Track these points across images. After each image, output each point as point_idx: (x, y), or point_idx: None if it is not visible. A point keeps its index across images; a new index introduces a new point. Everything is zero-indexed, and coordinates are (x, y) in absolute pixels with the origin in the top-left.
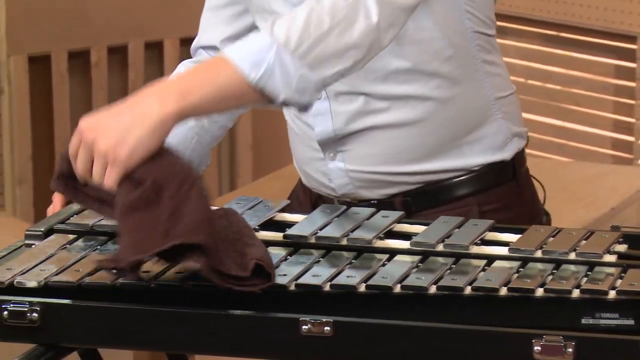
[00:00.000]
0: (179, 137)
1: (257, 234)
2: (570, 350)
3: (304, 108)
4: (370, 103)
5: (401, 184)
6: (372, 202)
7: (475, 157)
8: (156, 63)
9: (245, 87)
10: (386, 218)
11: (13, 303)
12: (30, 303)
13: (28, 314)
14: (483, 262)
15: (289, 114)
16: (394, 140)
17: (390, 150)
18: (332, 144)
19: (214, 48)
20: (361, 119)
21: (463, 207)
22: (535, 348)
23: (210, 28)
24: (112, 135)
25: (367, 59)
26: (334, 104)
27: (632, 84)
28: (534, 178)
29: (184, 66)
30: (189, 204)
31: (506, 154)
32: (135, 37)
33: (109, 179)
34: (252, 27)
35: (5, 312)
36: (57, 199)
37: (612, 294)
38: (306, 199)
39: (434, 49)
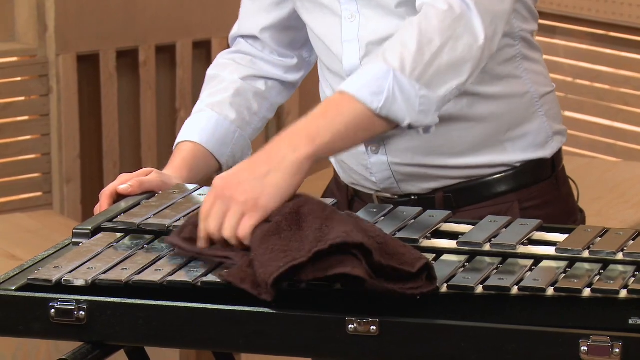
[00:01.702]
0: (221, 132)
1: None
2: (617, 350)
3: (428, 129)
4: None
5: (442, 178)
6: (413, 197)
7: (516, 154)
8: (204, 62)
9: (370, 117)
10: (432, 217)
11: (60, 301)
12: (77, 301)
13: (75, 312)
14: (530, 261)
15: None
16: (437, 133)
17: (432, 144)
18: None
19: (253, 37)
20: None
21: (504, 204)
22: (583, 348)
23: (250, 17)
24: (249, 185)
25: (480, 68)
26: None
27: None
28: (569, 178)
29: (222, 58)
30: (336, 219)
31: (547, 152)
32: (183, 36)
33: (245, 227)
34: (293, 16)
35: (53, 310)
36: (105, 197)
37: None
38: (342, 196)
39: None
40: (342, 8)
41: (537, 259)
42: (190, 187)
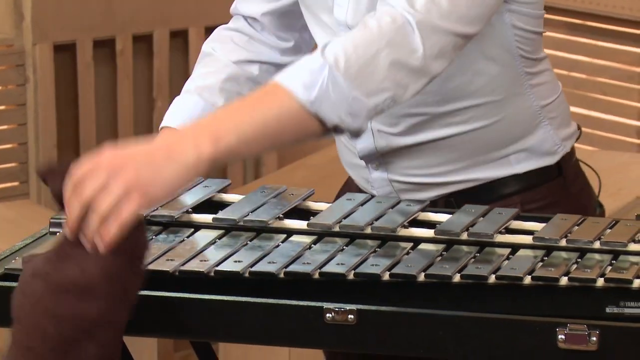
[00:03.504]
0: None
1: (281, 222)
2: (594, 339)
3: (355, 134)
4: (415, 123)
5: (444, 188)
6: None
7: (521, 166)
8: (181, 51)
9: (299, 112)
10: (410, 207)
11: None
12: None
13: None
14: (507, 250)
15: None
16: (438, 152)
17: (434, 162)
18: (375, 158)
19: (253, 18)
20: (404, 138)
21: (506, 206)
22: (560, 337)
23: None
24: (142, 168)
25: (419, 85)
26: (374, 123)
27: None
28: (589, 166)
29: (219, 33)
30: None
31: (554, 159)
32: (160, 25)
33: (127, 211)
34: (294, 3)
35: None
36: None
37: (636, 283)
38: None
39: (477, 68)
40: (339, 31)
41: (515, 247)
42: None
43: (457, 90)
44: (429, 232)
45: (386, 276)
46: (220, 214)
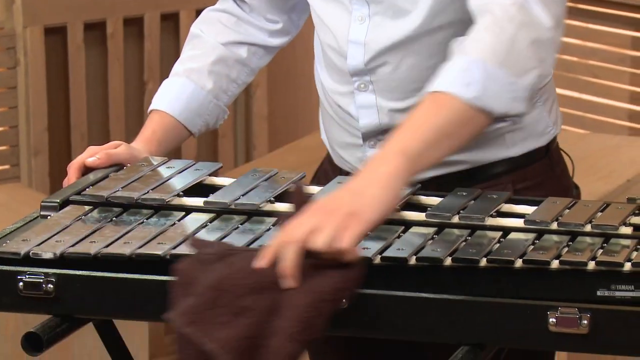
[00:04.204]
0: (196, 103)
1: (272, 205)
2: (585, 322)
3: (519, 117)
4: (415, 103)
5: (440, 168)
6: None
7: (516, 147)
8: (172, 34)
9: (466, 111)
10: (401, 190)
11: (28, 274)
12: (46, 274)
13: (43, 285)
14: (499, 233)
15: (325, 96)
16: None
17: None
18: (375, 135)
19: (242, 0)
20: (407, 113)
21: (497, 186)
22: (551, 320)
23: None
24: (348, 199)
25: (553, 58)
26: (379, 98)
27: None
28: (564, 152)
29: (207, 14)
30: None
31: (545, 140)
32: (151, 8)
33: (350, 237)
34: None
35: (21, 283)
36: (73, 169)
37: (627, 266)
38: (336, 176)
39: None
40: (353, 8)
41: (506, 230)
42: (158, 159)
43: None
44: (420, 215)
45: (377, 259)
46: (212, 198)
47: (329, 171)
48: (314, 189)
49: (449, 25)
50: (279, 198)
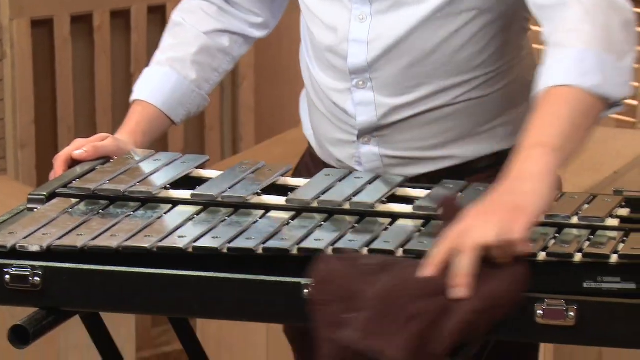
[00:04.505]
0: (180, 93)
1: (259, 198)
2: (572, 314)
3: (622, 103)
4: (421, 95)
5: (433, 163)
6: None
7: (506, 141)
8: (159, 26)
9: (588, 100)
10: (389, 182)
11: (15, 267)
12: (32, 267)
13: (30, 278)
14: None
15: (316, 93)
16: (436, 124)
17: (430, 134)
18: (370, 131)
19: None
20: (407, 110)
21: (486, 179)
22: (538, 312)
23: None
24: (509, 199)
25: (636, 38)
26: (378, 95)
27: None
28: None
29: (189, 2)
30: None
31: None
32: (138, 0)
33: (520, 227)
34: None
35: (7, 276)
36: (59, 162)
37: (614, 258)
38: (319, 170)
39: (489, 38)
40: (353, 7)
41: None
42: (146, 152)
43: (467, 61)
44: (407, 208)
45: (364, 252)
46: (199, 190)
47: (310, 165)
48: (300, 182)
49: (453, 17)
50: (266, 191)
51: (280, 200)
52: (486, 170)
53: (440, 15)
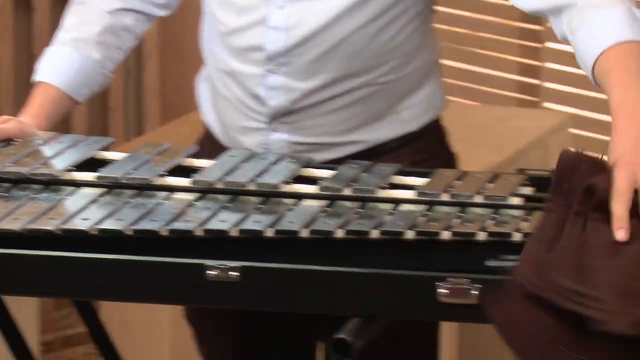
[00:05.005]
0: (84, 75)
1: (164, 179)
2: (474, 292)
3: None
4: (332, 79)
5: (342, 149)
6: None
7: (413, 122)
8: (62, 6)
9: None
10: (293, 163)
11: None
12: None
13: None
14: (390, 205)
15: (222, 80)
16: (342, 110)
17: (336, 120)
18: (281, 116)
19: None
20: (318, 94)
21: (394, 160)
22: (441, 291)
23: None
24: None
25: None
26: (290, 80)
27: (538, 27)
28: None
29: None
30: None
31: (437, 113)
32: None
33: None
34: None
35: None
36: None
37: (516, 236)
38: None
39: (403, 22)
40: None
41: (398, 202)
42: (49, 135)
43: (381, 46)
44: (312, 188)
45: (269, 232)
46: (103, 172)
47: (208, 149)
48: (205, 163)
49: (372, 5)
50: (172, 172)
51: (185, 181)
52: (392, 152)
53: (359, 2)
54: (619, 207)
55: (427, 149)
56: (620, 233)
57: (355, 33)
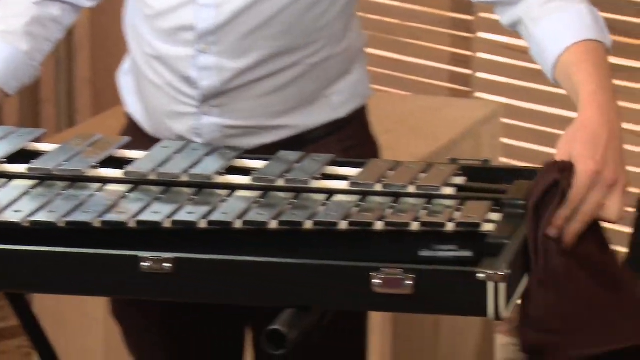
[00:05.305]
0: (13, 66)
1: (97, 171)
2: (409, 282)
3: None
4: (259, 61)
5: (272, 133)
6: None
7: (342, 108)
8: None
9: (605, 52)
10: (226, 154)
11: None
12: None
13: None
14: (323, 196)
15: (149, 65)
16: (273, 93)
17: (267, 103)
18: (212, 99)
19: None
20: (248, 74)
21: (324, 147)
22: (375, 281)
23: None
24: (612, 161)
25: None
26: (222, 59)
27: (470, 18)
28: None
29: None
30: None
31: (363, 100)
32: None
33: (620, 206)
34: None
35: None
36: None
37: (450, 226)
38: (145, 147)
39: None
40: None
41: (331, 193)
42: None
43: (312, 23)
44: (245, 179)
45: (203, 224)
46: (34, 164)
47: (134, 141)
48: (138, 154)
49: None
50: (104, 163)
51: (117, 172)
52: (322, 139)
53: None
54: (566, 211)
55: (355, 135)
56: (552, 231)
57: (284, 10)
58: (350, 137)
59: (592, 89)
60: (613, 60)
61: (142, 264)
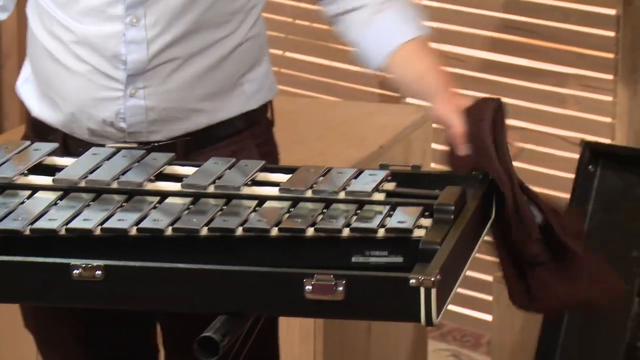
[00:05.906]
0: None
1: (26, 178)
2: (340, 288)
3: None
4: (185, 36)
5: (191, 119)
6: (154, 144)
7: (253, 99)
8: None
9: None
10: (157, 160)
11: None
12: None
13: None
14: (254, 202)
15: (71, 55)
16: (193, 76)
17: (186, 86)
18: (138, 78)
19: None
20: (173, 49)
21: (239, 142)
22: (307, 287)
23: None
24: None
25: None
26: (149, 32)
27: None
28: None
29: None
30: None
31: (271, 94)
32: None
33: None
34: None
35: None
36: None
37: (381, 232)
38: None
39: None
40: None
41: (261, 199)
42: None
43: (229, 3)
44: (176, 186)
45: (133, 231)
46: None
47: (30, 136)
48: (67, 161)
49: None
50: (33, 170)
51: (47, 180)
52: (241, 133)
53: None
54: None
55: (265, 133)
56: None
57: None
58: (262, 134)
59: (438, 73)
60: (540, 65)
61: (74, 271)
